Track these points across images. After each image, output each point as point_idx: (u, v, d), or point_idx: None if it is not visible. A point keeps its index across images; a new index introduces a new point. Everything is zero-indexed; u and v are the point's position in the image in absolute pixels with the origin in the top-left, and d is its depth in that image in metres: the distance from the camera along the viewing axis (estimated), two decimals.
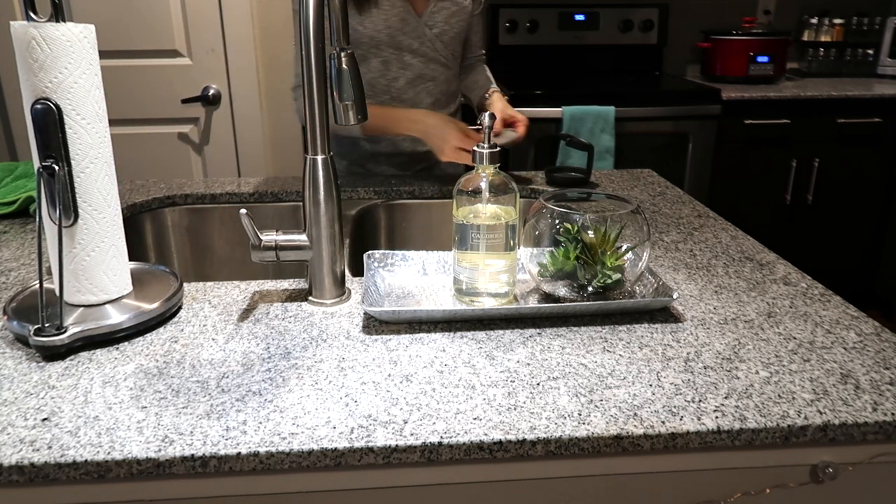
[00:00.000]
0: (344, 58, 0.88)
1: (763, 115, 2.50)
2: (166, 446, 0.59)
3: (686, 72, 3.07)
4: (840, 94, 2.51)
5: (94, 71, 0.73)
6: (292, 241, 0.85)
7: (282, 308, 0.85)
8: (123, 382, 0.69)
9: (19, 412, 0.64)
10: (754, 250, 1.04)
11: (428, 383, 0.69)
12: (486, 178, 0.82)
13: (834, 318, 0.82)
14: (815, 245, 2.70)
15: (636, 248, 0.84)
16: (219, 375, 0.70)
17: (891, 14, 2.98)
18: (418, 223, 1.36)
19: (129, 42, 2.35)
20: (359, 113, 0.90)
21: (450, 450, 0.60)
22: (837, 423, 0.63)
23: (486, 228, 0.81)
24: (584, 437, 0.61)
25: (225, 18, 2.38)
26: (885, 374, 0.70)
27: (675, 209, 1.23)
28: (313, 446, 0.59)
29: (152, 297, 0.81)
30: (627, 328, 0.80)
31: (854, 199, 2.65)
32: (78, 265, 0.76)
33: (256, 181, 1.38)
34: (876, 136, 2.57)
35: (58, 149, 0.72)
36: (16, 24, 0.69)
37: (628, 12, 2.85)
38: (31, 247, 1.05)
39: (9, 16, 2.27)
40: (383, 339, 0.78)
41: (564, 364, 0.72)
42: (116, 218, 0.79)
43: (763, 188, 2.60)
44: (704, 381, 0.69)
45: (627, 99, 2.41)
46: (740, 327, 0.80)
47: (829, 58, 3.00)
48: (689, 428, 0.62)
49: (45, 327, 0.72)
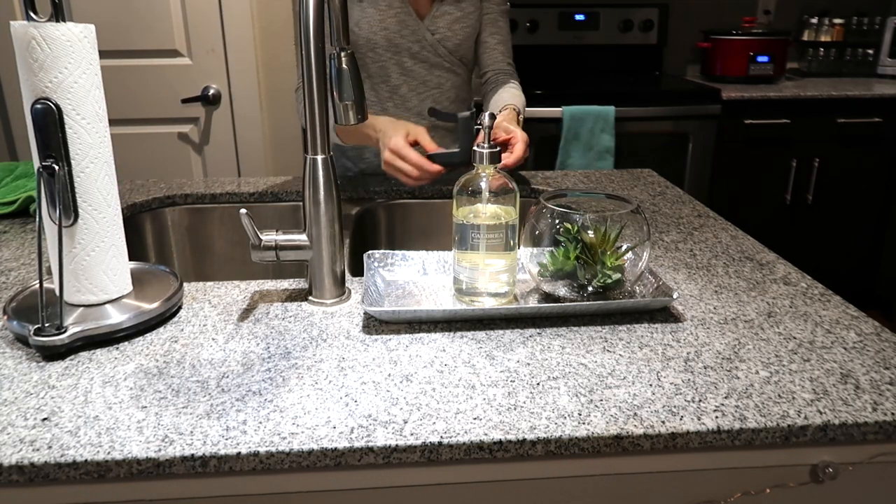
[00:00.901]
0: (344, 58, 0.88)
1: (763, 115, 2.50)
2: (166, 446, 0.59)
3: (686, 72, 3.07)
4: (840, 94, 2.51)
5: (94, 71, 0.73)
6: (292, 241, 0.85)
7: (282, 308, 0.85)
8: (123, 382, 0.69)
9: (19, 412, 0.64)
10: (754, 250, 1.04)
11: (428, 383, 0.69)
12: (487, 177, 0.82)
13: (834, 318, 0.82)
14: (815, 245, 2.70)
15: (636, 248, 0.84)
16: (219, 375, 0.70)
17: (891, 14, 2.98)
18: (418, 223, 1.36)
19: (129, 42, 2.34)
20: (359, 113, 0.90)
21: (450, 450, 0.60)
22: (837, 422, 0.63)
23: (486, 228, 0.81)
24: (584, 437, 0.61)
25: (225, 18, 2.38)
26: (885, 374, 0.70)
27: (675, 209, 1.23)
28: (313, 446, 0.59)
29: (152, 297, 0.81)
30: (627, 328, 0.80)
31: (854, 199, 2.65)
32: (78, 265, 0.76)
33: (256, 181, 1.38)
34: (876, 136, 2.57)
35: (58, 149, 0.72)
36: (16, 23, 0.69)
37: (628, 12, 2.85)
38: (31, 247, 1.05)
39: (9, 16, 2.27)
40: (383, 339, 0.78)
41: (564, 364, 0.72)
42: (116, 218, 0.79)
43: (763, 188, 2.60)
44: (704, 380, 0.69)
45: (627, 99, 2.40)
46: (740, 327, 0.80)
47: (829, 58, 3.00)
48: (689, 428, 0.62)
49: (45, 327, 0.72)
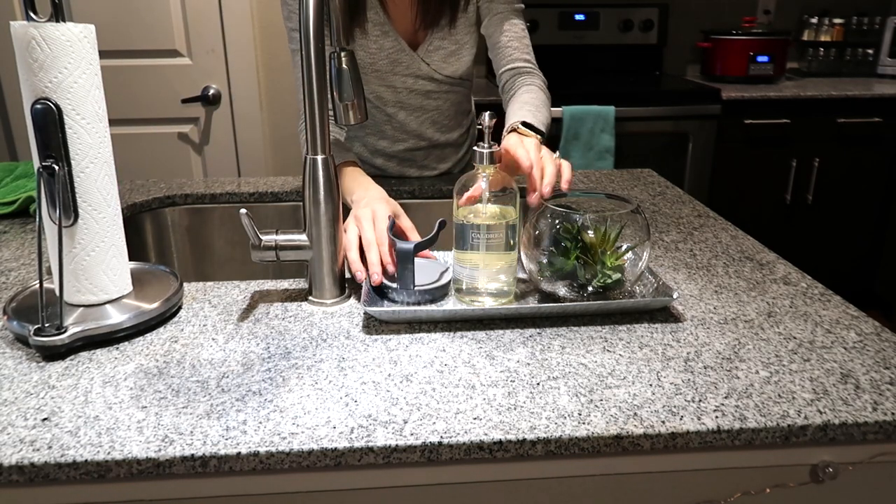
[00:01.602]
0: (344, 58, 0.88)
1: (763, 115, 2.50)
2: (166, 446, 0.59)
3: (686, 72, 3.07)
4: (840, 93, 2.51)
5: (94, 71, 0.73)
6: (292, 241, 0.85)
7: (282, 308, 0.85)
8: (123, 382, 0.69)
9: (19, 412, 0.64)
10: (754, 250, 1.04)
11: (428, 383, 0.69)
12: (487, 177, 0.82)
13: (834, 318, 0.82)
14: (815, 245, 2.70)
15: (636, 248, 0.84)
16: (219, 375, 0.70)
17: (891, 14, 2.98)
18: (418, 223, 1.36)
19: (129, 42, 2.35)
20: (359, 113, 0.91)
21: (450, 450, 0.60)
22: (837, 422, 0.63)
23: (486, 228, 0.81)
24: (584, 437, 0.61)
25: (225, 18, 2.38)
26: (885, 373, 0.70)
27: (675, 209, 1.23)
28: (313, 446, 0.59)
29: (152, 297, 0.81)
30: (627, 328, 0.80)
31: (854, 199, 2.65)
32: (78, 265, 0.76)
33: (256, 181, 1.38)
34: (876, 136, 2.57)
35: (58, 149, 0.72)
36: (16, 24, 0.69)
37: (628, 12, 2.85)
38: (31, 247, 1.05)
39: (9, 16, 2.27)
40: (383, 339, 0.78)
41: (564, 364, 0.72)
42: (116, 218, 0.79)
43: (763, 188, 2.60)
44: (704, 380, 0.69)
45: (627, 99, 2.40)
46: (740, 327, 0.80)
47: (829, 58, 3.00)
48: (689, 428, 0.62)
49: (45, 327, 0.72)
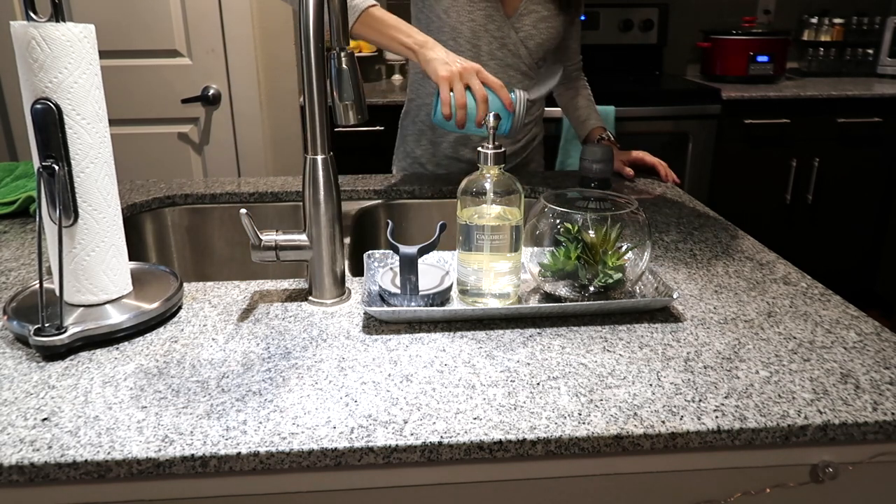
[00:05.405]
0: (344, 58, 0.88)
1: (763, 115, 2.50)
2: (166, 446, 0.59)
3: (686, 71, 3.07)
4: (840, 93, 2.51)
5: (94, 71, 0.73)
6: (292, 241, 0.85)
7: (282, 308, 0.85)
8: (123, 382, 0.69)
9: (19, 412, 0.64)
10: (754, 250, 1.04)
11: (428, 383, 0.69)
12: (491, 178, 0.82)
13: (834, 318, 0.82)
14: (815, 245, 2.70)
15: (636, 248, 0.84)
16: (219, 375, 0.70)
17: (891, 14, 2.98)
18: (418, 223, 1.36)
19: (129, 42, 2.35)
20: (359, 113, 0.90)
21: (450, 450, 0.60)
22: (837, 422, 0.63)
23: (490, 229, 0.81)
24: (584, 437, 0.61)
25: (225, 18, 2.38)
26: (885, 373, 0.70)
27: (675, 209, 1.23)
28: (313, 446, 0.59)
29: (152, 297, 0.81)
30: (627, 328, 0.80)
31: (854, 199, 2.65)
32: (78, 265, 0.76)
33: (256, 181, 1.38)
34: (876, 135, 2.57)
35: (58, 149, 0.72)
36: (16, 24, 0.69)
37: (628, 12, 2.85)
38: (31, 247, 1.05)
39: (9, 16, 2.27)
40: (383, 339, 0.78)
41: (564, 364, 0.72)
42: (116, 218, 0.79)
43: (763, 188, 2.60)
44: (704, 380, 0.69)
45: (627, 99, 2.40)
46: (740, 327, 0.80)
47: (829, 57, 3.00)
48: (689, 428, 0.62)
49: (45, 327, 0.72)
